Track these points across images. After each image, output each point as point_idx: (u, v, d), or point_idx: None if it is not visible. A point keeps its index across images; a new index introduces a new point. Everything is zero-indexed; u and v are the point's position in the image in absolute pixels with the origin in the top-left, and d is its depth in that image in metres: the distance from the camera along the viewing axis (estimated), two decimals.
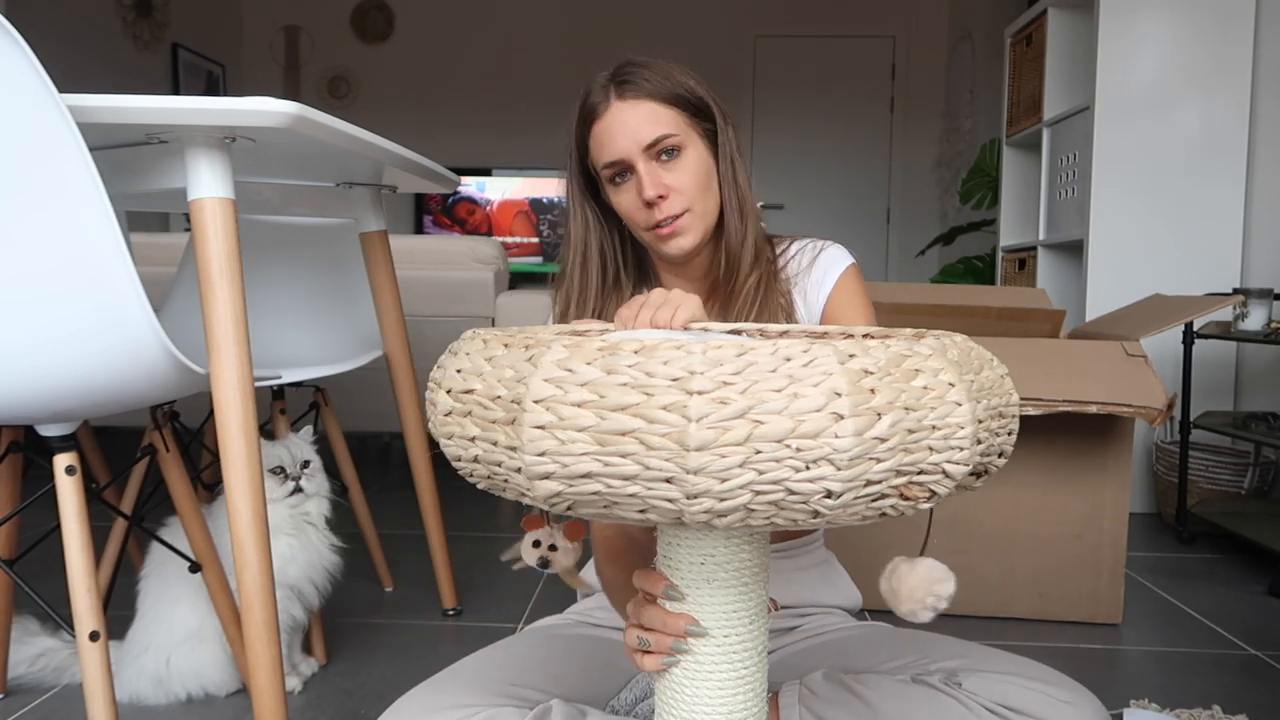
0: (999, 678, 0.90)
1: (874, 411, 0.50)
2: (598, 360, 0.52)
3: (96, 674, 1.08)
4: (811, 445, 0.49)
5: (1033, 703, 0.87)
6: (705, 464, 0.49)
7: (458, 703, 0.89)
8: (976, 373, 0.58)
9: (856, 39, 5.39)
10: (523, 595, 1.87)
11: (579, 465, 0.51)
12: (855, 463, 0.50)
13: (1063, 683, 0.91)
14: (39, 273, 0.96)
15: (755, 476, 0.49)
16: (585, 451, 0.51)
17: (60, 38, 4.05)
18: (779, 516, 0.51)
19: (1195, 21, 2.56)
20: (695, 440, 0.48)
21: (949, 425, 0.53)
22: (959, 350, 0.59)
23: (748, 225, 1.05)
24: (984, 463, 0.58)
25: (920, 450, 0.52)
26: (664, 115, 0.99)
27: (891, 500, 0.53)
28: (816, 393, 0.49)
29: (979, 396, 0.56)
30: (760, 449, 0.49)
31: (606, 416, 0.50)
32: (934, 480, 0.54)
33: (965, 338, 0.64)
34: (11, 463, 1.30)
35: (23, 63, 0.89)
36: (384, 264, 1.65)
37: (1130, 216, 2.61)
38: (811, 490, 0.50)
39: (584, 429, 0.50)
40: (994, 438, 0.58)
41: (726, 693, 0.67)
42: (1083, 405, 1.57)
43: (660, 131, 0.99)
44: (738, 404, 0.49)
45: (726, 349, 0.50)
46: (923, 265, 5.03)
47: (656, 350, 0.51)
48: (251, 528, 1.09)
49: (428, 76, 5.53)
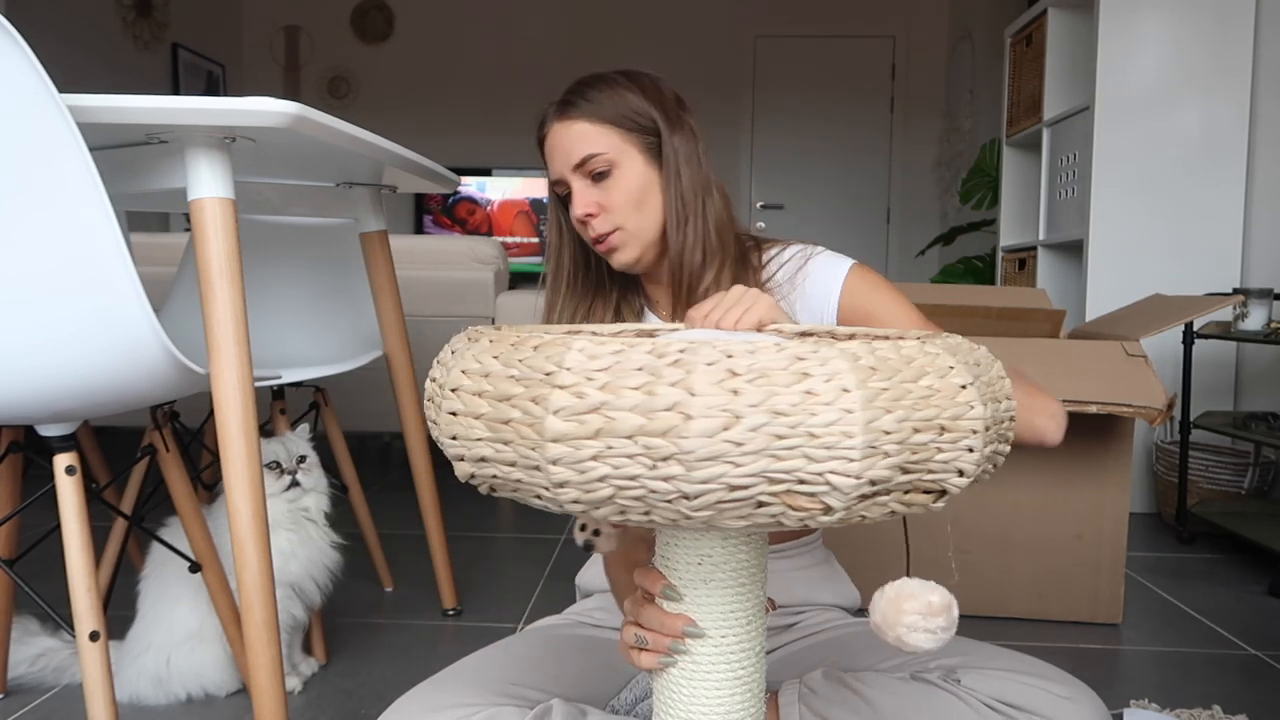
0: (998, 674, 0.90)
1: (732, 413, 0.50)
2: (503, 355, 0.57)
3: (97, 674, 1.08)
4: (660, 444, 0.50)
5: (1032, 699, 0.87)
6: (562, 455, 0.51)
7: (458, 702, 0.89)
8: (887, 379, 0.53)
9: (856, 39, 5.39)
10: (523, 595, 1.87)
11: (476, 449, 0.57)
12: (706, 464, 0.50)
13: (1062, 679, 0.91)
14: (39, 272, 0.96)
15: (610, 471, 0.51)
16: (480, 437, 0.56)
17: (60, 38, 4.05)
18: (655, 514, 0.53)
19: (1195, 21, 2.56)
20: (551, 432, 0.51)
21: (831, 433, 0.50)
22: (867, 355, 0.54)
23: (687, 234, 1.03)
24: (893, 479, 0.54)
25: (796, 458, 0.50)
26: (595, 135, 1.01)
27: (777, 509, 0.52)
28: (672, 391, 0.50)
29: (889, 406, 0.52)
30: (612, 445, 0.51)
31: (494, 405, 0.55)
32: (821, 491, 0.51)
33: (951, 336, 0.63)
34: (11, 463, 1.31)
35: (23, 63, 0.89)
36: (384, 264, 1.65)
37: (1130, 216, 2.61)
38: (667, 490, 0.51)
39: (479, 416, 0.56)
40: (884, 456, 0.53)
41: (724, 693, 0.67)
42: (1083, 405, 1.57)
43: (587, 151, 1.01)
44: (592, 399, 0.51)
45: (630, 350, 0.53)
46: (923, 265, 5.03)
47: (549, 347, 0.55)
48: (251, 528, 1.09)
49: (428, 76, 5.53)
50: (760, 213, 5.39)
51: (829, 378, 0.51)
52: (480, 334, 0.62)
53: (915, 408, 0.53)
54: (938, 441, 0.53)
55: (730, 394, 0.50)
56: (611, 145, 1.01)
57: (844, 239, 5.40)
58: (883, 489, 0.53)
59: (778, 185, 5.44)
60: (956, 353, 0.58)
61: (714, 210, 1.05)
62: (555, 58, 5.41)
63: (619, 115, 1.01)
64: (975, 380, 0.56)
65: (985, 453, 0.56)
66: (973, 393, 0.55)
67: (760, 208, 5.40)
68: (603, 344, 0.53)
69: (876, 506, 0.53)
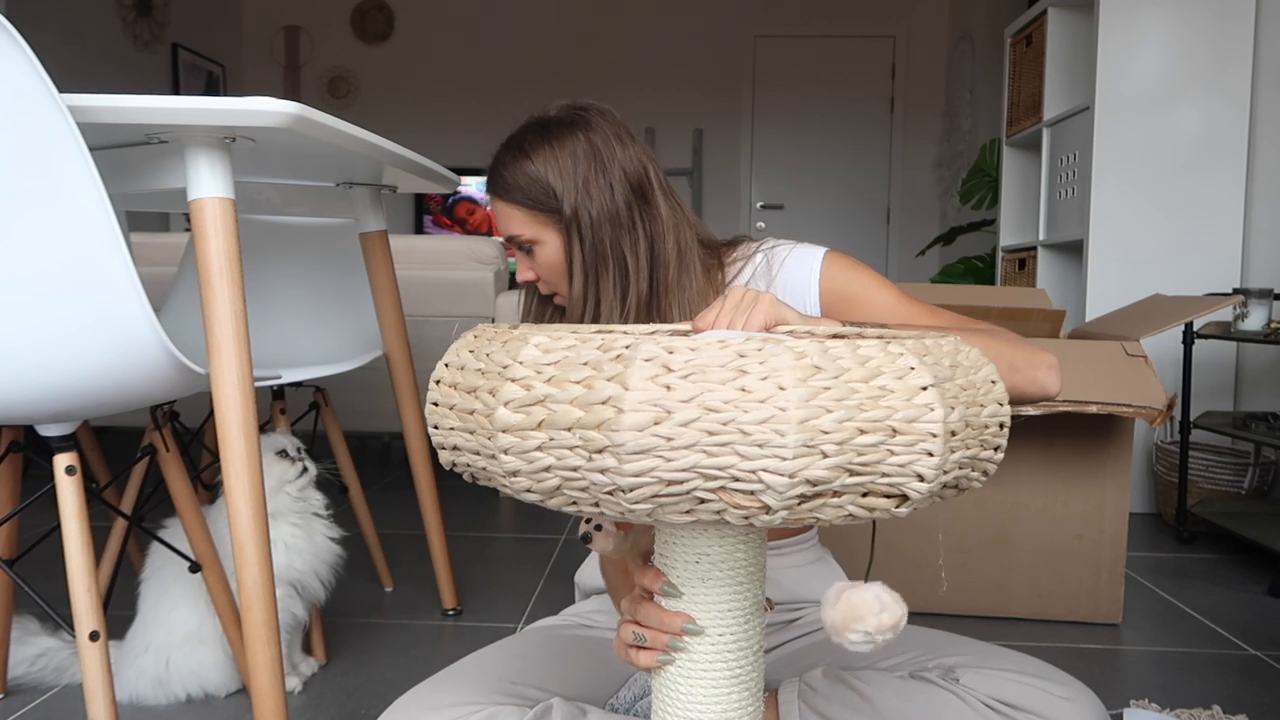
0: (997, 674, 0.90)
1: (663, 409, 0.50)
2: (477, 349, 0.60)
3: (96, 674, 1.08)
4: (595, 437, 0.51)
5: (1030, 698, 0.88)
6: (510, 445, 0.54)
7: (458, 701, 0.90)
8: (832, 378, 0.52)
9: (856, 39, 5.39)
10: (522, 595, 1.87)
11: (451, 438, 0.61)
12: (637, 457, 0.51)
13: (1061, 678, 0.91)
14: (38, 272, 0.96)
15: (554, 462, 0.53)
16: (453, 426, 0.60)
17: (60, 38, 4.05)
18: (604, 507, 0.54)
19: (1195, 20, 2.56)
20: (500, 422, 0.54)
21: (763, 430, 0.50)
22: (817, 353, 0.53)
23: (602, 291, 1.04)
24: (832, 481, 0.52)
25: (728, 454, 0.50)
26: (515, 216, 1.05)
27: (718, 505, 0.52)
28: (608, 386, 0.52)
29: (830, 405, 0.51)
30: (554, 436, 0.53)
31: (462, 397, 0.59)
32: (757, 489, 0.51)
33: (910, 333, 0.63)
34: (12, 462, 1.31)
35: (23, 63, 0.89)
36: (384, 264, 1.65)
37: (1130, 216, 2.61)
38: (604, 482, 0.52)
39: (452, 407, 0.60)
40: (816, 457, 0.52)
41: (722, 691, 0.67)
42: (1083, 405, 1.57)
43: (511, 232, 1.06)
44: (538, 391, 0.54)
45: (557, 343, 0.55)
46: (923, 265, 5.03)
47: (513, 342, 0.57)
48: (251, 528, 1.09)
49: (428, 76, 5.53)
50: (760, 213, 5.39)
51: (766, 375, 0.51)
52: (481, 331, 0.64)
53: (861, 408, 0.51)
54: (889, 444, 0.52)
55: (663, 389, 0.51)
56: (528, 227, 1.04)
57: (844, 239, 5.40)
58: (827, 490, 0.52)
59: (778, 185, 5.44)
60: (927, 353, 0.56)
61: (638, 255, 1.04)
62: (555, 57, 5.41)
63: (528, 198, 1.03)
64: (939, 382, 0.54)
65: (952, 458, 0.54)
66: (933, 394, 0.53)
67: (760, 208, 5.40)
68: (559, 339, 0.55)
69: (830, 509, 0.52)
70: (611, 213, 1.02)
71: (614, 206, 1.03)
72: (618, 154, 1.03)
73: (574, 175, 1.02)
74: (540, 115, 1.07)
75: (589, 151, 1.03)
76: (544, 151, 1.03)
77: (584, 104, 1.06)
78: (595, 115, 1.05)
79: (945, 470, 0.54)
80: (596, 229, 1.02)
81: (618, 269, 1.03)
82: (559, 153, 1.03)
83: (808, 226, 5.34)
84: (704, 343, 0.53)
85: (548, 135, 1.03)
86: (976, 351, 0.62)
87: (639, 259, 1.03)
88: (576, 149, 1.03)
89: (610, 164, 1.03)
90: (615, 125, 1.05)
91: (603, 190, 1.02)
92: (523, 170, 1.03)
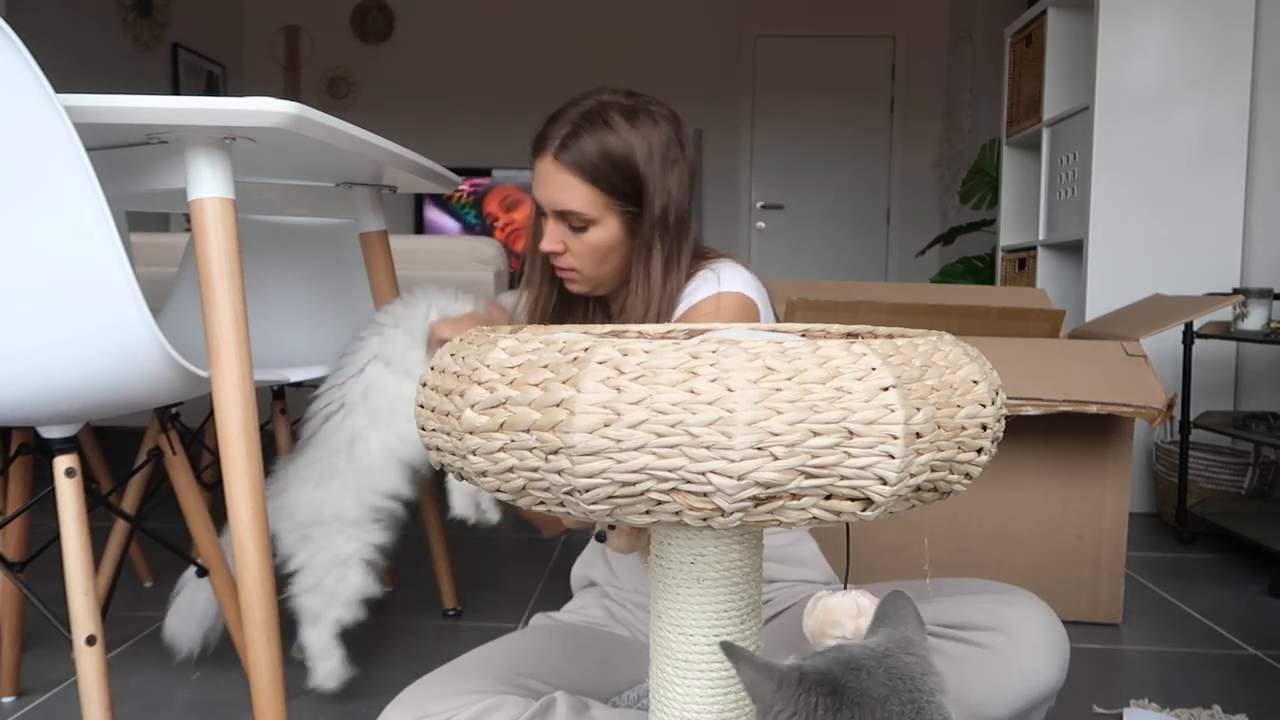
0: (938, 601, 0.92)
1: (613, 411, 0.51)
2: (457, 352, 0.62)
3: (93, 678, 1.07)
4: (550, 439, 0.52)
5: (969, 614, 0.89)
6: (477, 445, 0.56)
7: (463, 689, 0.91)
8: (785, 379, 0.51)
9: (856, 39, 5.39)
10: (523, 595, 1.87)
11: (433, 439, 0.64)
12: (589, 458, 0.51)
13: (998, 588, 0.94)
14: (36, 276, 0.96)
15: (516, 463, 0.55)
16: (435, 428, 0.63)
17: (60, 38, 4.05)
18: (569, 507, 0.55)
19: (1195, 21, 2.56)
20: (467, 424, 0.56)
21: (711, 433, 0.50)
22: (771, 355, 0.52)
23: (638, 296, 1.03)
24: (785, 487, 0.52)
25: (676, 456, 0.50)
26: (581, 192, 1.01)
27: (674, 507, 0.52)
28: (562, 388, 0.53)
29: (781, 406, 0.51)
30: (515, 438, 0.54)
31: (440, 399, 0.61)
32: (708, 491, 0.51)
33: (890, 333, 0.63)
34: (22, 464, 1.30)
35: (19, 64, 0.89)
36: (384, 264, 1.65)
37: (1130, 216, 2.61)
38: (560, 483, 0.53)
39: (433, 409, 0.63)
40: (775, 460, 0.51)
41: (718, 691, 0.67)
42: (1083, 405, 1.57)
43: (568, 207, 1.02)
44: (500, 394, 0.55)
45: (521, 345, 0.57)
46: (923, 265, 5.03)
47: (483, 345, 0.59)
48: (252, 528, 1.09)
49: (428, 76, 5.53)
50: (760, 213, 5.39)
51: (715, 377, 0.51)
52: (468, 334, 0.66)
53: (815, 409, 0.50)
54: (846, 445, 0.51)
55: (614, 391, 0.51)
56: (593, 206, 1.01)
57: (844, 239, 5.41)
58: (783, 493, 0.51)
59: (778, 185, 5.43)
60: (895, 353, 0.54)
61: (676, 274, 1.05)
62: (555, 57, 5.41)
63: (607, 178, 1.00)
64: (903, 382, 0.52)
65: (919, 460, 0.53)
66: (894, 395, 0.51)
67: (760, 208, 5.40)
68: (526, 343, 0.56)
69: (791, 511, 0.52)
70: (680, 210, 1.03)
71: (682, 204, 1.03)
72: (687, 153, 1.04)
73: (660, 166, 1.01)
74: (609, 94, 1.03)
75: (672, 142, 1.02)
76: (630, 132, 1.00)
77: (651, 97, 1.05)
78: (668, 110, 1.05)
79: (911, 473, 0.52)
80: (662, 223, 1.02)
81: (666, 264, 1.03)
82: (650, 138, 1.01)
83: (807, 226, 5.34)
84: (659, 345, 0.53)
85: (634, 118, 1.01)
86: (958, 351, 0.60)
87: (685, 257, 1.04)
88: (663, 139, 1.02)
89: (683, 162, 1.03)
90: (680, 124, 1.06)
91: (680, 186, 1.03)
92: (605, 145, 0.99)
